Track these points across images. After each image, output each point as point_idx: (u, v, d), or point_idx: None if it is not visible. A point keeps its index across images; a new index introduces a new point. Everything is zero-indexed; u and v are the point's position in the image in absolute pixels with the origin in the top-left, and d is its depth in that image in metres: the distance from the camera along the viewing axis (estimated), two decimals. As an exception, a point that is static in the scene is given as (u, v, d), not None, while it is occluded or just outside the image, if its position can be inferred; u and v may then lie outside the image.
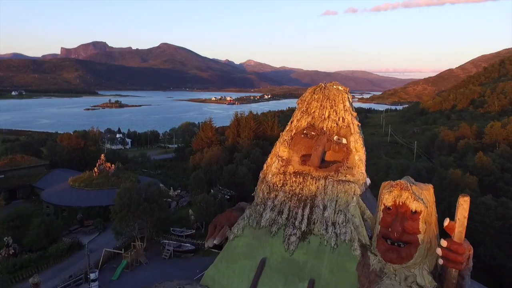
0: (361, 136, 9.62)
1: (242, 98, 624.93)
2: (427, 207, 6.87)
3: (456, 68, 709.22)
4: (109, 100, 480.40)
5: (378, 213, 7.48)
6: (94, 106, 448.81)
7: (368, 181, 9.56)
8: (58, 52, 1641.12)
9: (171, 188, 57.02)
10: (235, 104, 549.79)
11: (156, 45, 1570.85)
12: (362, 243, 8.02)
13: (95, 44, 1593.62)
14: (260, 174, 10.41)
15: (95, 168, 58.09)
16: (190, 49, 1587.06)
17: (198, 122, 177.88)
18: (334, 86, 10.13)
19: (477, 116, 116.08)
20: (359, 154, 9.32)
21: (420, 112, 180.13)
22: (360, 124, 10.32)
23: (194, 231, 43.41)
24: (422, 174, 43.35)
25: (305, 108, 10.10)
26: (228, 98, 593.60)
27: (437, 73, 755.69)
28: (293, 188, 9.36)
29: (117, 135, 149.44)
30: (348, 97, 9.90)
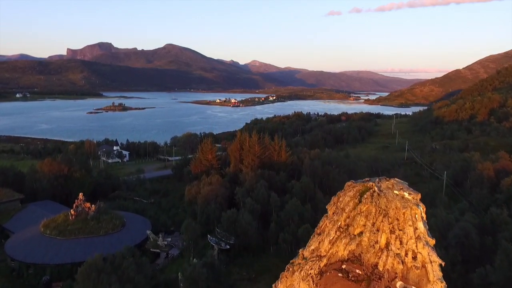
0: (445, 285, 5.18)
1: (246, 100, 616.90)
2: None
3: (463, 68, 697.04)
4: (113, 103, 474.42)
5: None
6: (97, 109, 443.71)
7: None
8: (64, 53, 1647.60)
9: (160, 235, 48.25)
10: (239, 106, 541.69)
11: (161, 46, 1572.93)
12: None
13: (100, 45, 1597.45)
14: None
15: (71, 210, 49.53)
16: (195, 50, 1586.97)
17: (200, 133, 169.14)
18: (396, 192, 5.22)
19: (504, 132, 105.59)
20: None
21: (435, 120, 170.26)
22: (444, 264, 5.01)
23: (182, 308, 34.50)
24: (473, 239, 34.05)
25: (343, 224, 5.23)
26: (233, 100, 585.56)
27: (444, 73, 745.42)
28: None
29: (114, 148, 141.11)
30: (422, 213, 5.18)
